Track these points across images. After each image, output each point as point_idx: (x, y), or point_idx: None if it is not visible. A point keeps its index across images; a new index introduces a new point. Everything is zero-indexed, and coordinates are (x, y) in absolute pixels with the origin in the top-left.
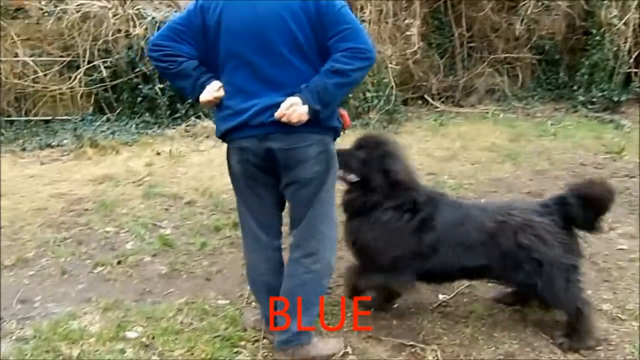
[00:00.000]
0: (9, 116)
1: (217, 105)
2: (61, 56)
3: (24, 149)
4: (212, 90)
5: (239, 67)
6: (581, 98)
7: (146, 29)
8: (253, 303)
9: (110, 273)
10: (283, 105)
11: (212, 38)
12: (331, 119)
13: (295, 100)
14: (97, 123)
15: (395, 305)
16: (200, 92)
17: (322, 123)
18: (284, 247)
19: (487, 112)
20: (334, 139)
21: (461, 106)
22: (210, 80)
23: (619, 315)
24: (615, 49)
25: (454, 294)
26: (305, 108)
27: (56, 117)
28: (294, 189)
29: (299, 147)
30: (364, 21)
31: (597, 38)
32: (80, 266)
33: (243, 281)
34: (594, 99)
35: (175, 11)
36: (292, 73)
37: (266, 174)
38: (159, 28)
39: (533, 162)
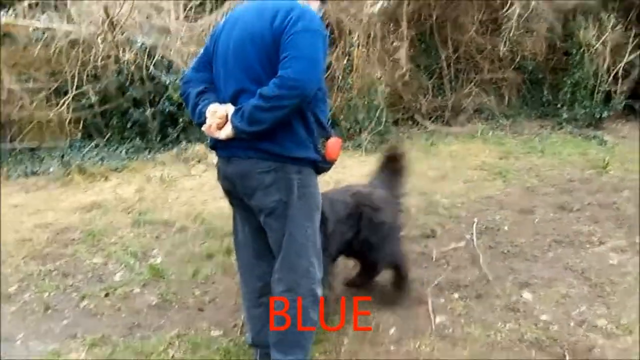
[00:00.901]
0: None
1: None
2: (49, 82)
3: (8, 177)
4: (209, 117)
5: (219, 89)
6: (565, 115)
7: (136, 54)
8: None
9: (97, 307)
10: (209, 116)
11: (213, 62)
12: (292, 148)
13: (219, 109)
14: (86, 149)
15: (392, 331)
16: (200, 119)
17: (278, 150)
18: None
19: (476, 131)
20: (316, 170)
21: (450, 125)
22: (207, 105)
23: (614, 331)
24: (594, 68)
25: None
26: (230, 124)
27: (43, 144)
28: (262, 217)
29: (253, 173)
30: (352, 45)
31: (577, 58)
32: (65, 300)
33: (237, 309)
34: (578, 116)
35: (166, 37)
36: (249, 97)
37: (239, 198)
38: (149, 53)
39: (523, 179)
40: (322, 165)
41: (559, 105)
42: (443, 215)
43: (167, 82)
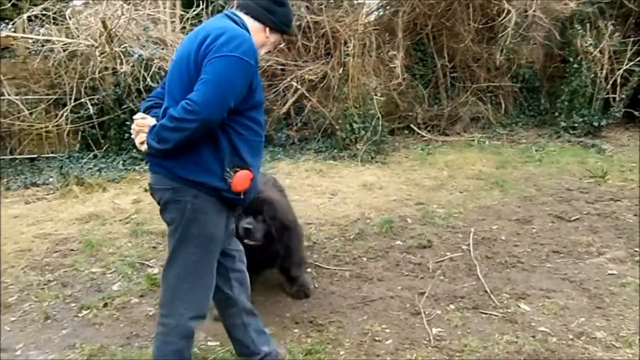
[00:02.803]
0: None
1: None
2: (47, 94)
3: (8, 188)
4: (134, 124)
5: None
6: (563, 124)
7: (133, 66)
8: None
9: (96, 317)
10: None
11: None
12: (192, 172)
13: (144, 120)
14: (84, 160)
15: (389, 342)
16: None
17: (177, 171)
18: None
19: (472, 140)
20: (221, 199)
21: (447, 134)
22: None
23: (614, 343)
24: (592, 75)
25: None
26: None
27: (42, 155)
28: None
29: (156, 188)
30: (347, 55)
31: (575, 66)
32: (65, 310)
33: None
34: (575, 125)
35: (162, 49)
36: None
37: None
38: (146, 65)
39: (520, 188)
40: (226, 195)
41: (556, 114)
42: (439, 226)
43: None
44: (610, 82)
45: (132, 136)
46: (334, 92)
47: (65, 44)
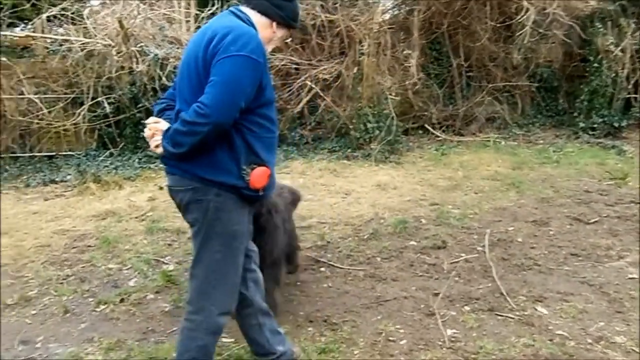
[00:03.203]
0: (13, 152)
1: None
2: (65, 93)
3: (27, 185)
4: (147, 128)
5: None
6: (582, 124)
7: (149, 65)
8: None
9: (113, 311)
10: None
11: None
12: (210, 172)
13: (157, 124)
14: (100, 158)
15: (403, 342)
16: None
17: (196, 172)
18: None
19: (488, 140)
20: (242, 197)
21: (462, 135)
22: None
23: (634, 348)
24: (613, 75)
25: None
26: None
27: (60, 153)
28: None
29: (176, 190)
30: (362, 54)
31: (595, 65)
32: (83, 304)
33: None
34: (595, 125)
35: (178, 48)
36: None
37: None
38: (162, 65)
39: (537, 190)
40: (246, 192)
41: (575, 114)
42: (454, 226)
43: None
44: (632, 82)
45: (147, 139)
46: (348, 92)
47: (82, 44)
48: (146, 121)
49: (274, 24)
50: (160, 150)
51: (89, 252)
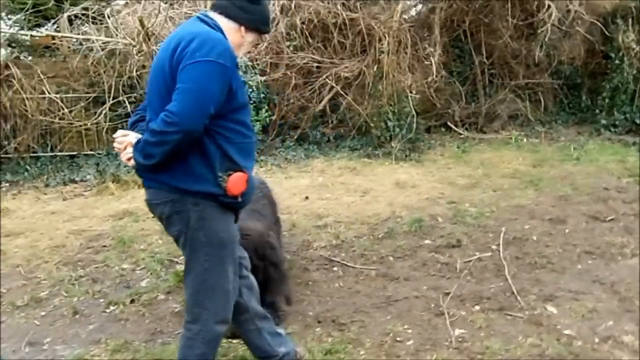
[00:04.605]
0: (34, 152)
1: None
2: (87, 92)
3: (47, 185)
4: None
5: None
6: (603, 121)
7: None
8: None
9: (123, 312)
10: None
11: None
12: (185, 182)
13: (125, 137)
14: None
15: (410, 342)
16: None
17: (173, 183)
18: None
19: (510, 138)
20: (220, 204)
21: (484, 132)
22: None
23: None
24: (634, 72)
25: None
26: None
27: (81, 153)
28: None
29: (154, 203)
30: (382, 52)
31: (617, 62)
32: (93, 305)
33: None
34: (616, 122)
35: None
36: None
37: None
38: None
39: (556, 187)
40: (224, 199)
41: (597, 111)
42: (470, 225)
43: None
44: None
45: (118, 152)
46: (368, 90)
47: (104, 43)
48: (115, 135)
49: (242, 28)
50: (132, 163)
51: (103, 252)
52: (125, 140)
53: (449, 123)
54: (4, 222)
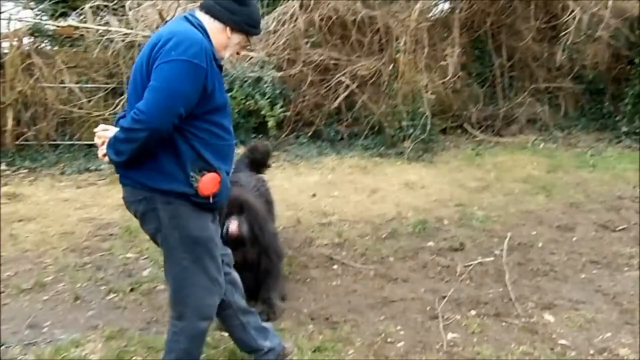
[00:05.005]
0: (53, 140)
1: None
2: (106, 83)
3: (63, 173)
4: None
5: None
6: (624, 128)
7: None
8: None
9: (122, 300)
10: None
11: None
12: (157, 180)
13: (104, 132)
14: None
15: (401, 344)
16: None
17: (144, 181)
18: None
19: (526, 142)
20: (193, 203)
21: (501, 135)
22: None
23: None
24: None
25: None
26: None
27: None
28: None
29: (129, 200)
30: (398, 51)
31: None
32: (94, 292)
33: None
34: (638, 130)
35: None
36: None
37: None
38: None
39: (568, 194)
40: (196, 199)
41: (618, 118)
42: (476, 228)
43: None
44: None
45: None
46: (383, 89)
47: (124, 35)
48: (95, 129)
49: (228, 29)
50: (107, 159)
51: (110, 240)
52: (104, 135)
53: (465, 125)
54: (18, 207)
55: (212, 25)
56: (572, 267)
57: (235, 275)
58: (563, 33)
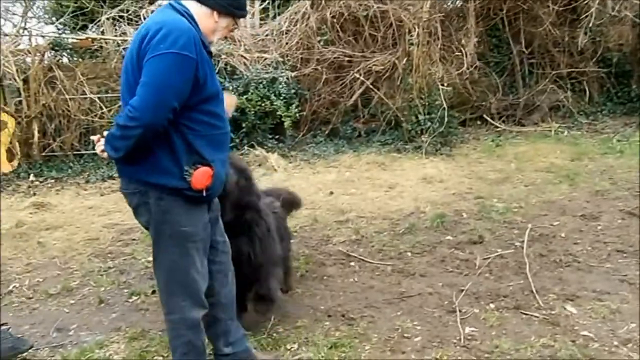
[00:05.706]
0: (77, 150)
1: None
2: None
3: (87, 181)
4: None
5: None
6: None
7: None
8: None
9: (144, 302)
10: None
11: None
12: (151, 174)
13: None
14: None
15: (418, 339)
16: None
17: (138, 175)
18: None
19: (549, 130)
20: (186, 198)
21: (523, 125)
22: None
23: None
24: None
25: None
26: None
27: None
28: None
29: (125, 192)
30: (412, 44)
31: None
32: (118, 295)
33: None
34: None
35: (229, 44)
36: None
37: None
38: (213, 61)
39: (593, 182)
40: (189, 193)
41: None
42: (495, 221)
43: (230, 89)
44: None
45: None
46: (398, 83)
47: None
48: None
49: (215, 13)
50: (105, 155)
51: (132, 245)
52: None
53: (485, 116)
54: (45, 216)
55: (199, 10)
56: (596, 256)
57: (230, 267)
58: (584, 15)
